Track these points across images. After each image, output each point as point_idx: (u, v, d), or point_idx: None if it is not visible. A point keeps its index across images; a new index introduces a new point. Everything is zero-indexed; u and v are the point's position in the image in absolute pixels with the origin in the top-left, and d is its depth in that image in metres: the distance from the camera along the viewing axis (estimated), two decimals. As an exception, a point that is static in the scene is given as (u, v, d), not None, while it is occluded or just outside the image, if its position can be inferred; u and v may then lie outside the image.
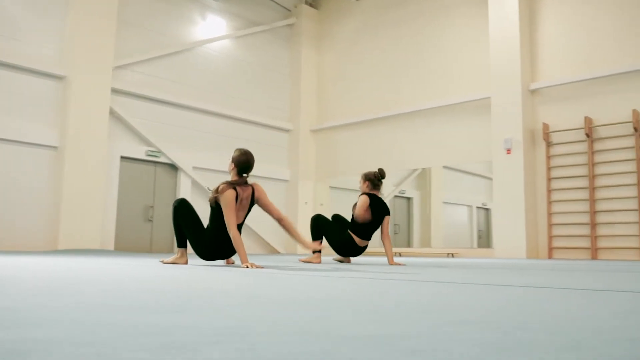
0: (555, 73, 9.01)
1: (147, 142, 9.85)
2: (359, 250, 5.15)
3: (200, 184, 10.45)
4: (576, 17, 8.92)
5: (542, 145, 8.97)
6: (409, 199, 15.28)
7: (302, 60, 12.45)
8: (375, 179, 5.06)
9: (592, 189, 8.40)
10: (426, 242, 15.08)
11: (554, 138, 8.90)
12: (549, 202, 8.80)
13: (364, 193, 5.11)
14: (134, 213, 9.83)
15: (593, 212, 8.36)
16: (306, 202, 12.18)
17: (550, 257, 8.70)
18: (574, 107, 8.72)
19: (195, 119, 10.76)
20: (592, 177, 8.42)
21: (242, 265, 3.57)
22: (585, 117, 8.48)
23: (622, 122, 8.20)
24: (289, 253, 11.72)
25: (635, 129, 8.03)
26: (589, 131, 8.46)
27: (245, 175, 4.00)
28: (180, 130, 10.47)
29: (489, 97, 9.49)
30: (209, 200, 3.93)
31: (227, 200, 3.77)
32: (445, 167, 13.83)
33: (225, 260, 4.27)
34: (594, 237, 8.32)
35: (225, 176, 4.48)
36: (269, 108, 12.13)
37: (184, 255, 4.05)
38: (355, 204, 5.14)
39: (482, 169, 16.03)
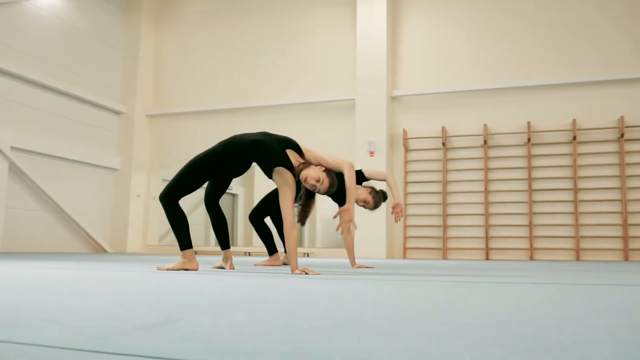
0: (415, 83, 9.54)
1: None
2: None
3: (21, 168, 8.60)
4: (435, 34, 9.58)
5: (401, 150, 9.41)
6: (234, 195, 14.81)
7: (141, 37, 11.14)
8: (379, 200, 4.47)
9: (445, 193, 9.08)
10: (249, 240, 14.78)
11: (412, 144, 9.41)
12: (405, 205, 9.27)
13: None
14: None
15: (445, 215, 9.05)
16: (138, 195, 10.92)
17: (404, 257, 9.16)
18: (431, 116, 9.33)
19: (15, 88, 8.84)
20: (445, 182, 9.10)
21: (296, 272, 2.92)
22: (443, 127, 9.13)
23: (475, 135, 9.03)
24: (117, 252, 10.37)
25: (485, 142, 8.90)
26: (445, 140, 9.13)
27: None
28: (-3, 99, 8.51)
29: (353, 99, 9.63)
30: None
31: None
32: None
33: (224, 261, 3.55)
34: (445, 239, 8.99)
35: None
36: (99, 85, 10.57)
37: (194, 258, 3.19)
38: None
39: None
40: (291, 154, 3.19)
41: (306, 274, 2.84)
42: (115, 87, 11.00)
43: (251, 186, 15.01)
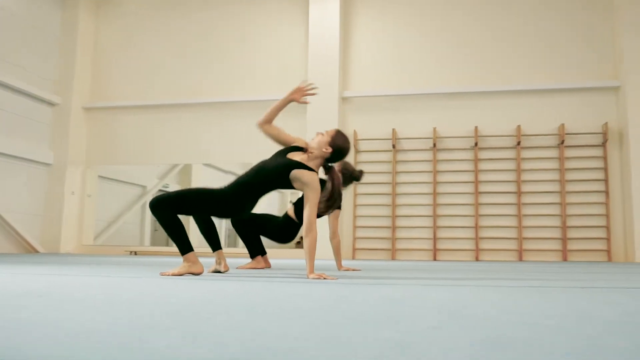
0: (367, 84, 9.60)
1: None
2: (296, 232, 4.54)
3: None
4: (387, 37, 9.68)
5: (352, 151, 9.41)
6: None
7: (79, 25, 10.56)
8: (349, 176, 4.31)
9: (394, 195, 9.18)
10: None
11: (363, 146, 9.45)
12: (355, 206, 9.30)
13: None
14: None
15: (394, 217, 9.14)
16: (73, 192, 10.31)
17: (353, 257, 9.17)
18: (382, 118, 9.42)
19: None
20: (395, 184, 9.21)
21: (311, 276, 2.77)
22: (393, 129, 9.24)
23: (425, 138, 9.20)
24: (50, 252, 9.75)
25: (435, 145, 9.08)
26: (395, 142, 9.24)
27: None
28: None
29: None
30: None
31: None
32: (205, 164, 13.45)
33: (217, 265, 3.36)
34: (394, 240, 9.09)
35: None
36: (32, 74, 9.91)
37: (197, 260, 2.97)
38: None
39: (237, 167, 16.06)
40: (295, 155, 3.08)
41: (324, 278, 2.70)
42: (50, 77, 10.36)
43: (188, 184, 14.62)
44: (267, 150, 10.38)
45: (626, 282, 2.98)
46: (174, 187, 14.16)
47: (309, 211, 2.89)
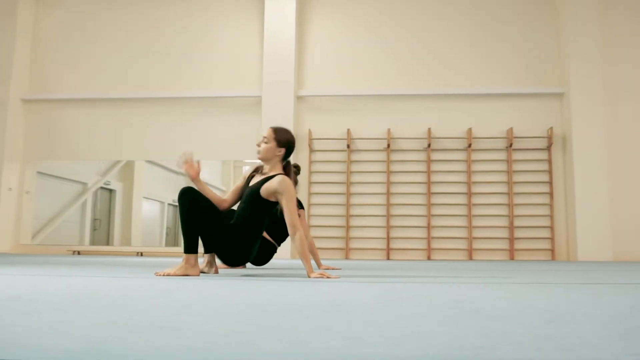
0: (322, 84, 9.59)
1: None
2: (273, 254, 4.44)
3: None
4: (343, 38, 9.71)
5: (306, 151, 9.39)
6: (111, 191, 13.85)
7: (17, 11, 9.98)
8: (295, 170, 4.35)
9: (348, 194, 9.22)
10: (127, 239, 13.90)
11: (317, 145, 9.44)
12: (309, 205, 9.27)
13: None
14: None
15: (348, 216, 9.18)
16: (10, 189, 9.74)
17: (307, 257, 9.12)
18: (337, 118, 9.44)
19: None
20: (349, 184, 9.25)
21: (313, 275, 2.70)
22: (348, 130, 9.27)
23: (379, 139, 9.29)
24: (-16, 252, 9.16)
25: (389, 146, 9.19)
26: (350, 142, 9.28)
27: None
28: None
29: (259, 96, 9.43)
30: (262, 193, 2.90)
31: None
32: (147, 161, 13.13)
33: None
34: (348, 239, 9.13)
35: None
36: (-35, 62, 9.29)
37: (197, 264, 2.83)
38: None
39: (175, 164, 15.74)
40: (255, 179, 3.07)
41: (327, 277, 2.65)
42: (-15, 66, 9.73)
43: (130, 181, 14.16)
44: (213, 148, 10.21)
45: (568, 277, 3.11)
46: (115, 184, 13.67)
47: (289, 212, 2.88)
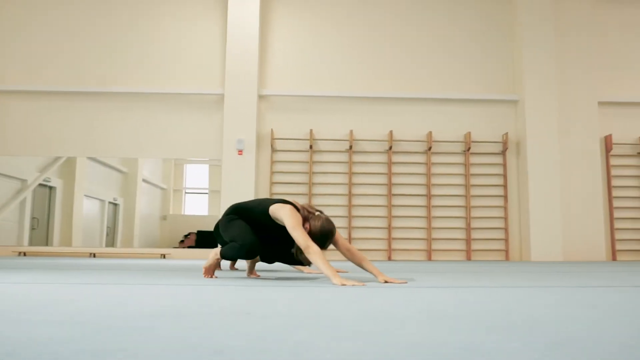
0: (284, 84, 9.53)
1: None
2: None
3: None
4: (307, 38, 9.69)
5: (268, 150, 9.31)
6: (51, 188, 13.17)
7: (-42, -5, 9.29)
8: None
9: (310, 195, 9.22)
10: (67, 239, 13.26)
11: (279, 145, 9.37)
12: (270, 205, 9.17)
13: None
14: None
15: (310, 217, 9.16)
16: (-53, 185, 9.05)
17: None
18: (299, 119, 9.41)
19: None
20: (311, 184, 9.25)
21: (334, 281, 2.66)
22: (310, 130, 9.27)
23: (341, 140, 9.34)
24: None
25: (351, 147, 9.27)
26: (312, 143, 9.29)
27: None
28: None
29: (222, 94, 9.26)
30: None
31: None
32: (89, 157, 12.68)
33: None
34: (309, 240, 9.11)
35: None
36: None
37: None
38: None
39: (116, 162, 15.16)
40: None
41: (353, 285, 2.61)
42: None
43: (72, 179, 13.51)
44: (160, 146, 9.88)
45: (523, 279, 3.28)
46: (55, 181, 13.00)
47: (298, 233, 2.85)
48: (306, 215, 3.03)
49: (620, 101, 9.63)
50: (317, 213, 3.05)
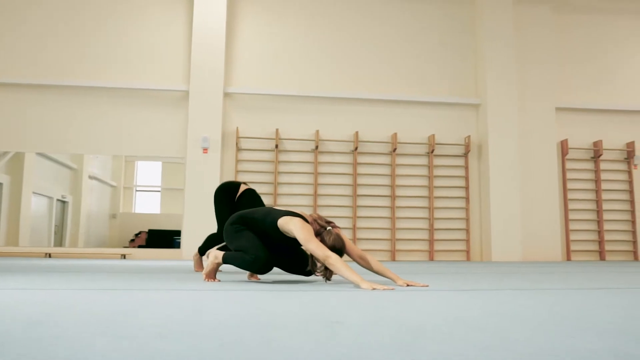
0: (250, 82, 9.44)
1: None
2: None
3: None
4: (274, 37, 9.63)
5: (233, 149, 9.20)
6: (-2, 184, 12.63)
7: None
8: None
9: (275, 195, 9.17)
10: (14, 239, 12.73)
11: (245, 144, 9.28)
12: (235, 205, 9.07)
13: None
14: None
15: (275, 217, 9.10)
16: None
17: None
18: (265, 118, 9.34)
19: None
20: (276, 184, 9.19)
21: (363, 286, 2.63)
22: (276, 129, 9.21)
23: (307, 140, 9.32)
24: None
25: (317, 147, 9.26)
26: (278, 143, 9.23)
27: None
28: None
29: (187, 91, 9.09)
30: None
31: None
32: (38, 153, 12.34)
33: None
34: (274, 240, 9.05)
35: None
36: None
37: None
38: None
39: (66, 158, 14.69)
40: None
41: (383, 289, 2.58)
42: None
43: (19, 175, 12.99)
44: (118, 141, 9.63)
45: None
46: (2, 177, 12.45)
47: (313, 245, 2.83)
48: (317, 229, 2.99)
49: (576, 107, 9.99)
50: (328, 228, 3.01)
